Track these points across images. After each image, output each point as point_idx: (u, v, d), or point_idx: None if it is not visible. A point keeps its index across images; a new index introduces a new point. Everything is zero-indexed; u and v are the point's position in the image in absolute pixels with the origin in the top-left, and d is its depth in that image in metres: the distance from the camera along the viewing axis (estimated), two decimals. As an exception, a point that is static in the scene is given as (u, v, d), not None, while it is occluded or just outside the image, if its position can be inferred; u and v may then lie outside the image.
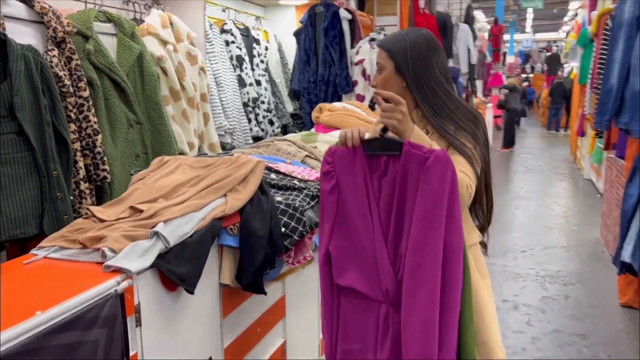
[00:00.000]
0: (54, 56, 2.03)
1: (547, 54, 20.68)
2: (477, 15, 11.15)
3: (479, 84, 11.23)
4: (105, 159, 2.18)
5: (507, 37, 18.45)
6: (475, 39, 8.49)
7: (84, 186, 2.10)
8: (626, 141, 3.85)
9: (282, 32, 4.33)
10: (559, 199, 6.86)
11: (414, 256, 1.23)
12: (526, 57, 24.87)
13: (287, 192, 1.90)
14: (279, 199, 1.82)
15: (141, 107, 2.46)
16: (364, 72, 4.07)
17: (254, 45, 3.87)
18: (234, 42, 3.58)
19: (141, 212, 1.50)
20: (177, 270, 1.38)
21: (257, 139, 3.59)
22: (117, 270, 1.27)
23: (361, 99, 4.05)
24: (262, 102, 3.80)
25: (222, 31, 3.57)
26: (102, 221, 1.51)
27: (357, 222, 1.32)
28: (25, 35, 2.05)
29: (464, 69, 7.90)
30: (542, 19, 21.15)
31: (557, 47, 22.13)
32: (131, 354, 1.29)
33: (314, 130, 3.40)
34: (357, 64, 4.08)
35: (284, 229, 1.73)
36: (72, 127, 2.07)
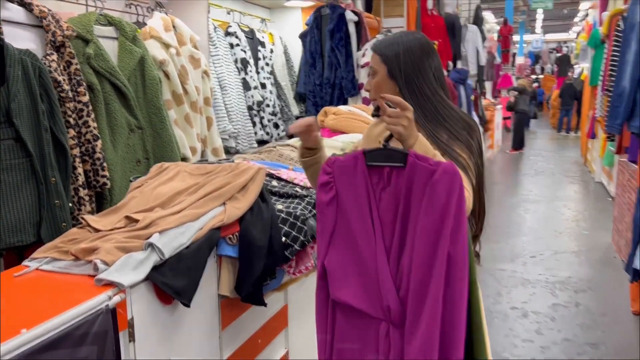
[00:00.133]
0: (53, 60, 2.00)
1: (558, 55, 20.51)
2: (486, 16, 11.06)
3: (488, 86, 11.13)
4: (105, 165, 2.14)
5: (516, 37, 18.32)
6: (484, 40, 8.40)
7: (83, 193, 2.06)
8: (638, 146, 3.77)
9: (287, 34, 4.29)
10: (569, 203, 6.76)
11: (418, 272, 1.18)
12: (536, 58, 24.68)
13: (288, 200, 1.85)
14: (280, 207, 1.77)
15: (142, 112, 2.42)
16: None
17: (259, 47, 3.83)
18: (238, 45, 3.54)
19: (136, 221, 1.46)
20: (172, 283, 1.33)
21: (262, 143, 3.54)
22: (110, 283, 1.23)
23: (367, 102, 4.00)
24: (267, 106, 3.76)
25: (227, 34, 3.54)
26: (97, 231, 1.47)
27: (357, 235, 1.27)
28: (24, 39, 2.02)
29: (473, 70, 7.82)
30: (552, 19, 21.00)
31: (568, 47, 21.95)
32: (124, 370, 1.25)
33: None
34: (363, 67, 4.03)
35: (284, 239, 1.68)
36: (71, 132, 2.03)
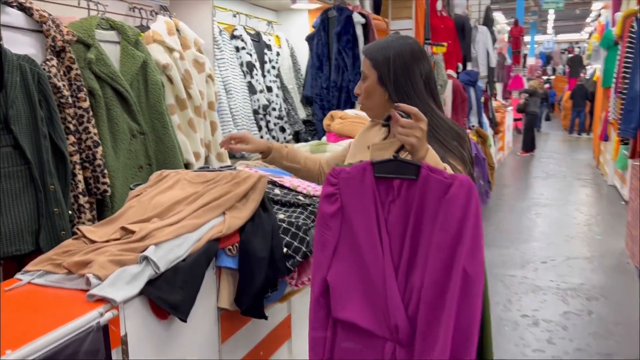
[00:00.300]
0: (53, 66, 1.97)
1: (569, 56, 20.30)
2: (497, 16, 10.97)
3: (499, 87, 11.02)
4: (105, 171, 2.11)
5: (527, 38, 18.16)
6: (494, 41, 8.31)
7: (83, 200, 2.03)
8: (653, 149, 3.68)
9: (294, 36, 4.25)
10: (582, 206, 6.65)
11: (432, 291, 1.12)
12: (547, 59, 24.46)
13: (290, 209, 1.80)
14: (282, 216, 1.72)
15: (145, 117, 2.39)
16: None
17: (265, 50, 3.79)
18: (244, 48, 3.50)
19: (133, 233, 1.41)
20: (168, 297, 1.29)
21: (267, 147, 3.49)
22: (102, 299, 1.18)
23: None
24: (274, 109, 3.72)
25: (232, 37, 3.50)
26: (92, 242, 1.43)
27: (363, 250, 1.21)
28: (24, 44, 1.99)
29: (483, 72, 7.73)
30: (563, 19, 20.81)
31: (580, 48, 21.72)
32: (117, 388, 1.20)
33: (325, 139, 3.31)
34: (371, 70, 3.97)
35: (286, 250, 1.63)
36: (72, 139, 2.00)
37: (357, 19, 3.85)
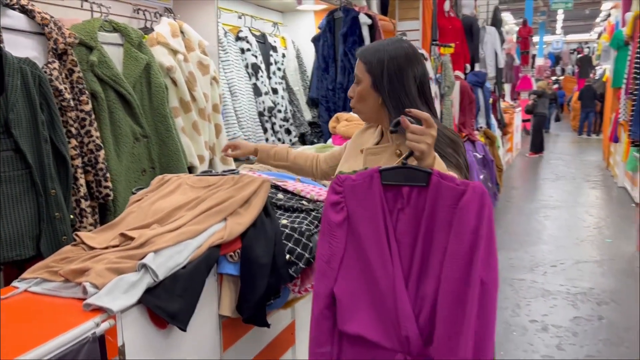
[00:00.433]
0: (54, 69, 1.95)
1: (579, 56, 20.14)
2: (505, 17, 10.88)
3: (507, 88, 10.94)
4: (108, 175, 2.09)
5: (536, 39, 18.03)
6: (502, 42, 8.24)
7: (84, 204, 2.00)
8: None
9: (300, 38, 4.22)
10: (591, 209, 6.57)
11: (448, 300, 1.09)
12: (556, 59, 24.28)
13: (293, 214, 1.77)
14: (284, 222, 1.69)
15: (148, 120, 2.36)
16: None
17: (271, 52, 3.76)
18: (249, 50, 3.47)
19: (132, 239, 1.39)
20: (167, 306, 1.26)
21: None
22: (99, 308, 1.16)
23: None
24: (279, 111, 3.69)
25: (237, 39, 3.47)
26: (91, 248, 1.40)
27: (372, 260, 1.17)
28: (26, 47, 1.97)
29: (491, 73, 7.66)
30: (573, 19, 20.65)
31: (589, 48, 21.55)
32: (115, 400, 1.17)
33: (330, 141, 3.27)
34: (377, 71, 3.93)
35: (288, 256, 1.60)
36: (73, 142, 1.98)
37: (364, 20, 3.81)
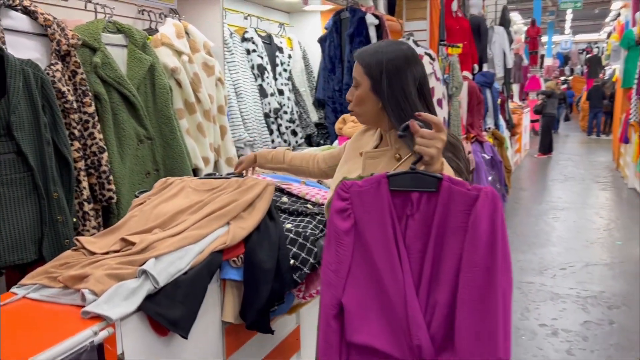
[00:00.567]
0: (57, 70, 1.93)
1: (588, 56, 19.98)
2: (514, 17, 10.79)
3: (516, 88, 10.85)
4: (111, 178, 2.06)
5: (544, 39, 17.90)
6: (511, 42, 8.16)
7: (87, 207, 1.99)
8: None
9: (306, 38, 4.19)
10: (601, 210, 6.49)
11: (470, 306, 1.06)
12: (565, 59, 24.10)
13: (298, 218, 1.74)
14: (289, 226, 1.66)
15: (152, 122, 2.34)
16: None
17: (277, 53, 3.73)
18: (255, 51, 3.45)
19: (133, 244, 1.36)
20: (167, 313, 1.23)
21: (278, 151, 3.44)
22: (98, 316, 1.13)
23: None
24: (285, 113, 3.66)
25: (243, 39, 3.45)
26: (92, 253, 1.38)
27: (381, 268, 1.14)
28: (28, 49, 1.95)
29: (499, 73, 7.59)
30: (582, 19, 20.49)
31: (598, 48, 21.37)
32: (114, 410, 1.15)
33: (337, 142, 3.24)
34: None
35: (293, 261, 1.57)
36: (76, 145, 1.96)
37: (370, 20, 3.77)
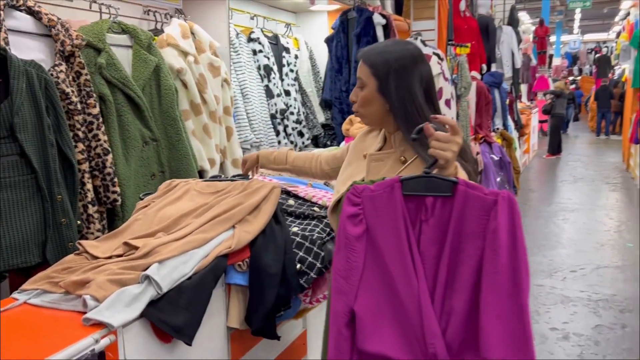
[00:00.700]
0: (61, 71, 1.91)
1: (597, 56, 19.82)
2: (522, 16, 10.71)
3: (524, 88, 10.77)
4: (115, 180, 2.04)
5: (552, 38, 17.78)
6: (519, 42, 8.09)
7: (92, 210, 1.96)
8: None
9: (313, 39, 4.16)
10: (611, 212, 6.41)
11: (496, 312, 1.04)
12: (573, 59, 23.93)
13: (304, 221, 1.70)
14: (295, 229, 1.62)
15: (157, 123, 2.32)
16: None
17: (284, 53, 3.70)
18: (261, 51, 3.42)
19: (136, 248, 1.33)
20: (171, 319, 1.20)
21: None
22: (100, 323, 1.10)
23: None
24: (292, 113, 3.63)
25: (249, 40, 3.42)
26: (94, 258, 1.35)
27: (394, 274, 1.11)
28: (32, 49, 1.93)
29: (508, 73, 7.53)
30: (590, 19, 20.34)
31: (607, 48, 21.21)
32: (116, 419, 1.12)
33: (344, 143, 3.21)
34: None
35: (299, 265, 1.53)
36: (80, 146, 1.94)
37: (378, 20, 3.74)
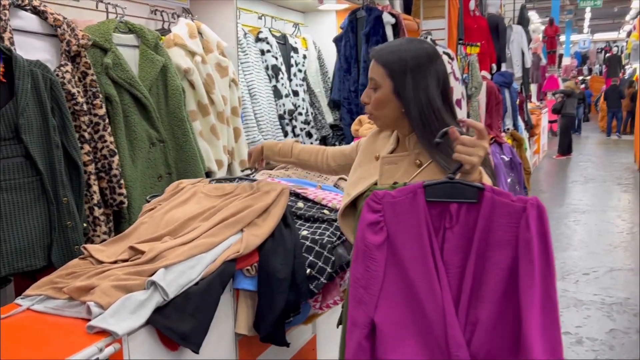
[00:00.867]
0: (67, 72, 1.88)
1: (607, 55, 19.65)
2: (531, 15, 10.62)
3: (533, 88, 10.67)
4: (122, 182, 2.01)
5: (562, 38, 17.64)
6: (529, 41, 8.01)
7: (98, 212, 1.93)
8: None
9: (322, 38, 4.12)
10: (624, 213, 6.32)
11: (533, 322, 1.00)
12: (583, 59, 23.74)
13: (314, 224, 1.66)
14: (305, 233, 1.58)
15: (164, 124, 2.29)
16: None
17: (292, 53, 3.66)
18: (269, 51, 3.38)
19: (142, 253, 1.30)
20: (177, 327, 1.17)
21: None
22: (104, 331, 1.07)
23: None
24: (300, 114, 3.59)
25: (257, 40, 3.39)
26: (99, 262, 1.32)
27: (417, 284, 1.07)
28: (37, 49, 1.91)
29: (518, 72, 7.46)
30: (600, 18, 20.18)
31: (617, 47, 21.02)
32: None
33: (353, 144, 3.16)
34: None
35: (309, 270, 1.49)
36: (86, 148, 1.91)
37: (387, 19, 3.69)
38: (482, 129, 1.09)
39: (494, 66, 6.18)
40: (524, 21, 8.06)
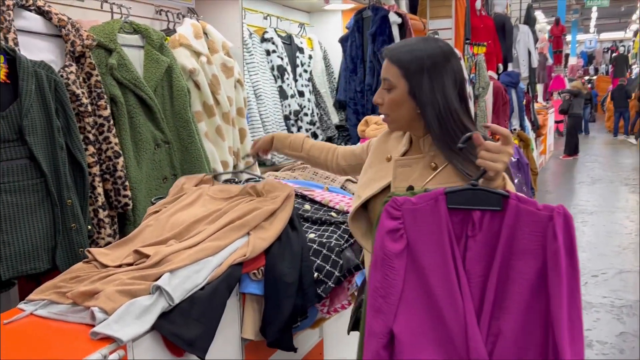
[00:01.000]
0: (71, 72, 1.86)
1: (614, 55, 19.54)
2: (537, 15, 10.56)
3: (540, 88, 10.61)
4: (127, 184, 1.99)
5: (568, 37, 17.56)
6: (536, 41, 7.96)
7: (103, 214, 1.91)
8: None
9: (327, 38, 4.09)
10: (632, 214, 6.27)
11: (563, 333, 0.97)
12: (589, 58, 23.62)
13: (322, 227, 1.63)
14: (312, 236, 1.56)
15: (169, 125, 2.27)
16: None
17: (297, 54, 3.64)
18: (275, 52, 3.36)
19: (147, 257, 1.27)
20: (183, 332, 1.14)
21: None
22: (108, 337, 1.04)
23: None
24: (305, 115, 3.57)
25: (263, 40, 3.36)
26: (104, 266, 1.29)
27: (438, 293, 1.04)
28: (42, 50, 1.89)
29: (524, 72, 7.41)
30: (607, 17, 20.07)
31: (624, 47, 20.90)
32: None
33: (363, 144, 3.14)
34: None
35: (316, 274, 1.47)
36: (91, 149, 1.89)
37: (394, 18, 3.66)
38: (507, 135, 1.06)
39: (501, 66, 6.15)
40: (530, 21, 8.01)
